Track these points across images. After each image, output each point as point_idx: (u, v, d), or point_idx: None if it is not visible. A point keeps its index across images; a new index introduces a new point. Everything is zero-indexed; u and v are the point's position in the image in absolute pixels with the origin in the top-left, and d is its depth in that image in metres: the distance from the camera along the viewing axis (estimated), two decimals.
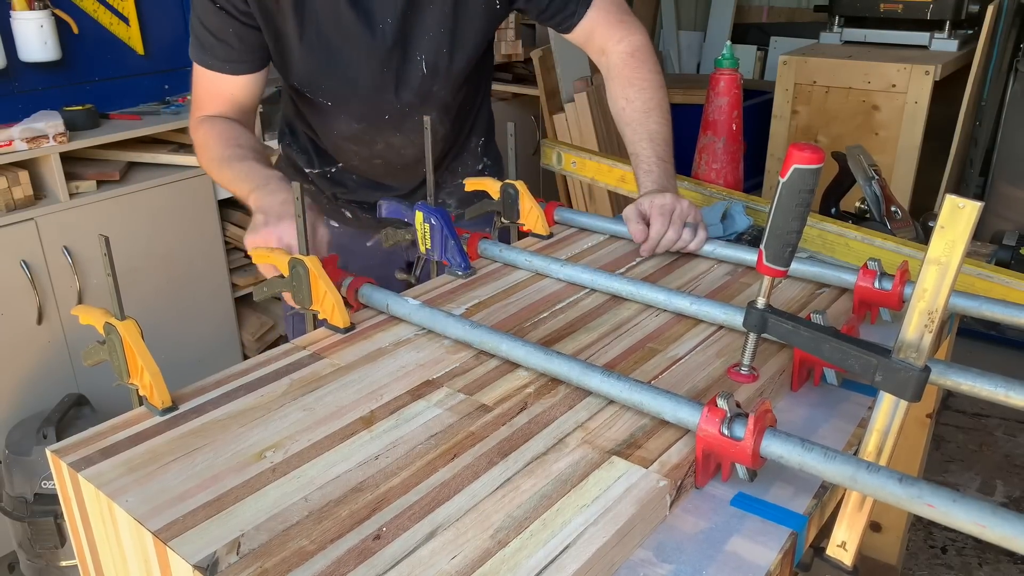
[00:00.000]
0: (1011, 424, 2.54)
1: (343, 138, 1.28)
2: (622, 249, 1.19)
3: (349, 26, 1.13)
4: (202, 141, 1.17)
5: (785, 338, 0.78)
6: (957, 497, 0.57)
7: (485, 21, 1.20)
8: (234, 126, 1.18)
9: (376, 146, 1.28)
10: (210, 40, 1.14)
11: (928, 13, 2.65)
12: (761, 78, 3.90)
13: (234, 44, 1.14)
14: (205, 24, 1.13)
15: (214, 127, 1.17)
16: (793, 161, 0.70)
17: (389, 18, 1.14)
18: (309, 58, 1.15)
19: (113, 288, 0.77)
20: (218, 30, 1.12)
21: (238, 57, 1.15)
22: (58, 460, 0.71)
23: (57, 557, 1.86)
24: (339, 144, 1.30)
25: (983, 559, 2.04)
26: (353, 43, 1.15)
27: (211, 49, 1.15)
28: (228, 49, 1.14)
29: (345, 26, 1.13)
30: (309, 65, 1.16)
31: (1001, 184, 2.94)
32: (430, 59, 1.19)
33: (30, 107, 2.18)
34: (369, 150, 1.29)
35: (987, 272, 1.06)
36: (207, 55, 1.16)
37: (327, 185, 1.36)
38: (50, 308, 2.06)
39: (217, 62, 1.16)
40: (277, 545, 0.61)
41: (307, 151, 1.35)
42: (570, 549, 0.60)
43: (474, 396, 0.80)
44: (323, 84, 1.20)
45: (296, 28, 1.12)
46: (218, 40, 1.13)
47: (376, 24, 1.14)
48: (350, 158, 1.32)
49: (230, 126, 1.17)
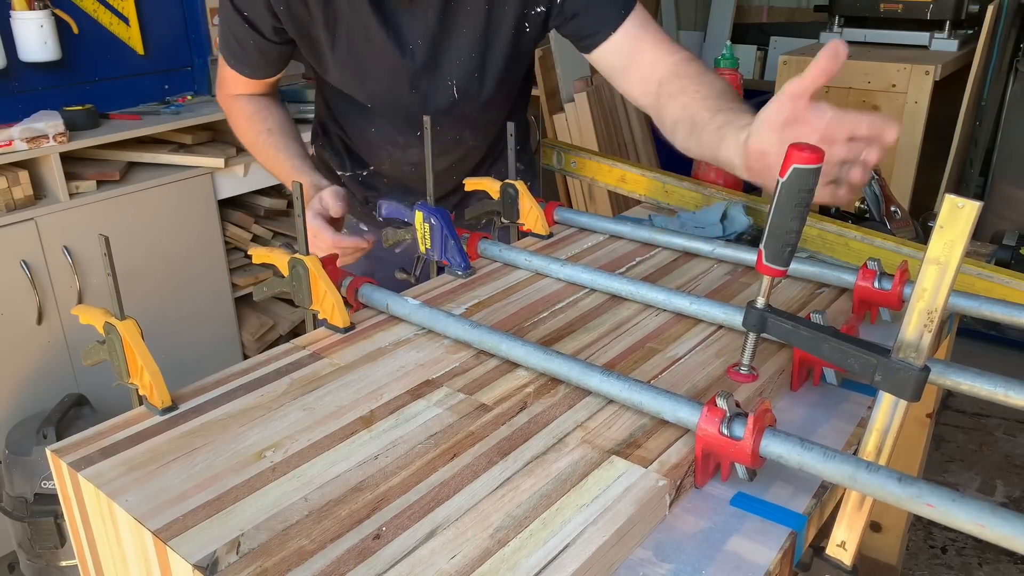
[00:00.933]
0: (1011, 424, 2.54)
1: (376, 139, 1.29)
2: (622, 249, 1.19)
3: (379, 44, 1.13)
4: (234, 122, 1.29)
5: (785, 338, 0.78)
6: (957, 497, 0.57)
7: (516, 45, 1.18)
8: (262, 105, 1.26)
9: (409, 151, 1.29)
10: (233, 44, 1.18)
11: (928, 13, 2.65)
12: (761, 78, 3.90)
13: (253, 55, 1.17)
14: (231, 29, 1.16)
15: (243, 108, 1.26)
16: (792, 161, 0.70)
17: (420, 40, 1.13)
18: (342, 70, 1.17)
19: (113, 288, 0.77)
20: (241, 39, 1.16)
21: (256, 65, 1.20)
22: (58, 460, 0.71)
23: (57, 557, 1.86)
24: (372, 144, 1.31)
25: (983, 559, 2.04)
26: (382, 61, 1.15)
27: (233, 52, 1.19)
28: (247, 57, 1.18)
29: (375, 44, 1.13)
30: (343, 76, 1.18)
31: (1001, 184, 2.94)
32: (461, 84, 1.19)
33: (30, 107, 2.18)
34: (403, 153, 1.30)
35: (987, 272, 1.06)
36: (232, 58, 1.21)
37: (359, 188, 1.36)
38: (50, 308, 2.06)
39: (242, 67, 1.20)
40: (277, 544, 0.61)
41: (339, 153, 1.36)
42: (570, 549, 0.60)
43: (474, 396, 0.80)
44: (357, 93, 1.21)
45: (328, 40, 1.13)
46: (242, 48, 1.17)
47: (406, 45, 1.14)
48: (382, 160, 1.32)
49: (258, 106, 1.26)
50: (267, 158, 1.24)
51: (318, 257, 0.91)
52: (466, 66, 1.17)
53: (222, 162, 2.27)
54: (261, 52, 1.16)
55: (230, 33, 1.16)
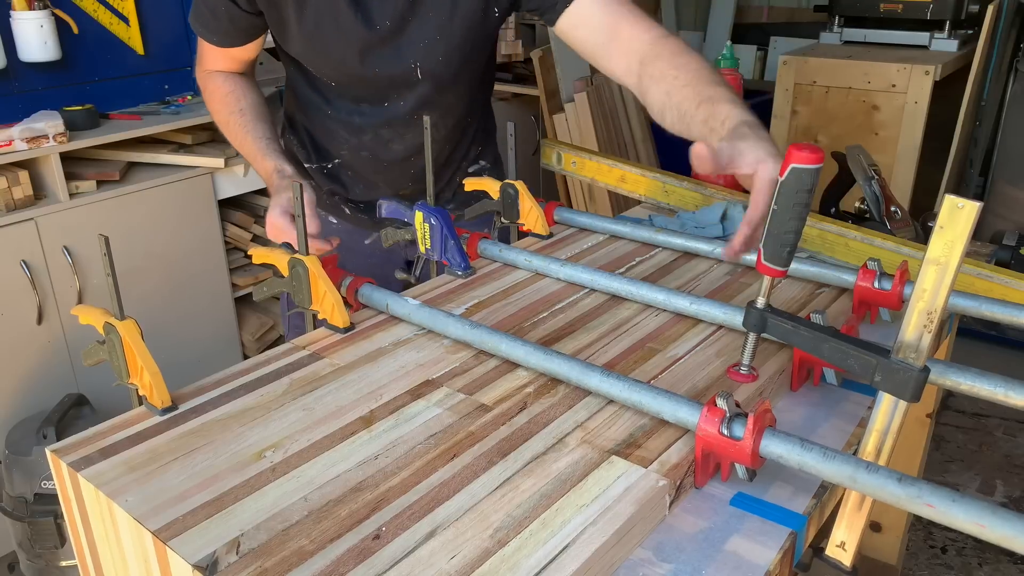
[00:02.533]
0: (1011, 424, 2.54)
1: (333, 124, 1.31)
2: (622, 249, 1.19)
3: (346, 23, 1.15)
4: (208, 99, 1.31)
5: (785, 338, 0.78)
6: (957, 497, 0.57)
7: (483, 29, 1.20)
8: (237, 85, 1.28)
9: (364, 136, 1.30)
10: (206, 14, 1.20)
11: (928, 13, 2.65)
12: (761, 78, 3.90)
13: (224, 23, 1.20)
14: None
15: (218, 87, 1.28)
16: (792, 161, 0.70)
17: (388, 20, 1.16)
18: (306, 44, 1.19)
19: (113, 288, 0.77)
20: (212, 7, 1.18)
21: (228, 34, 1.22)
22: (58, 460, 0.71)
23: (57, 557, 1.86)
24: (329, 129, 1.32)
25: (983, 559, 2.04)
26: (348, 39, 1.17)
27: (206, 23, 1.22)
28: (219, 25, 1.21)
29: (342, 23, 1.15)
30: (305, 50, 1.20)
31: (1001, 184, 2.94)
32: (425, 66, 1.21)
33: (30, 107, 2.17)
34: (357, 140, 1.31)
35: (987, 272, 1.06)
36: (201, 26, 1.23)
37: (324, 180, 1.38)
38: (50, 308, 2.06)
39: (210, 35, 1.23)
40: (277, 545, 0.61)
41: (305, 145, 1.38)
42: (569, 549, 0.60)
43: (474, 396, 0.80)
44: (319, 67, 1.24)
45: (297, 14, 1.15)
46: (213, 17, 1.20)
47: (373, 25, 1.16)
48: (340, 146, 1.33)
49: (233, 86, 1.28)
50: (236, 137, 1.27)
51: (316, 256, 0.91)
52: (430, 48, 1.19)
53: (222, 162, 2.27)
54: (231, 20, 1.19)
55: (203, 3, 1.19)
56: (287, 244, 0.97)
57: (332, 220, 1.41)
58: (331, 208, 1.40)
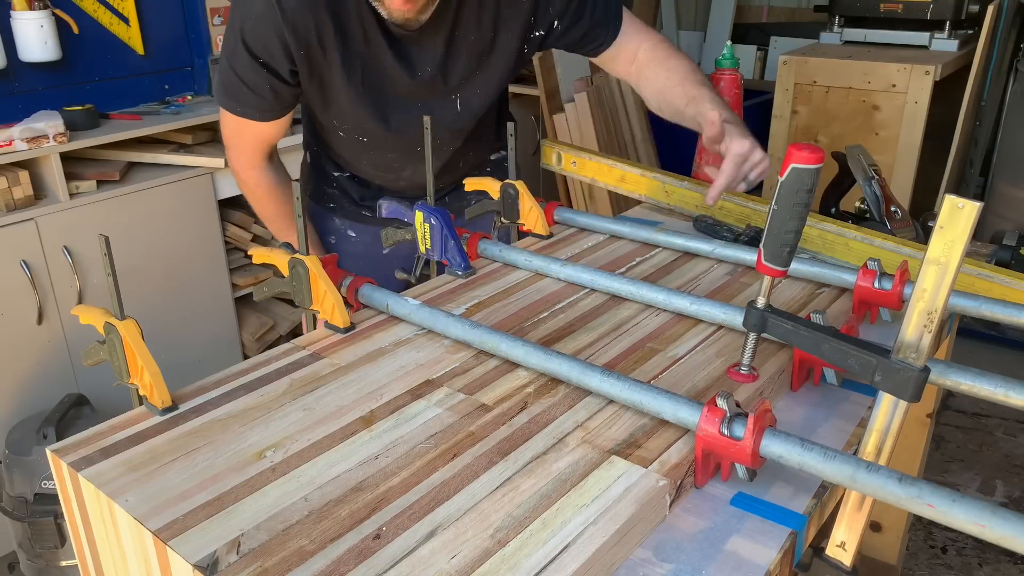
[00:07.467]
0: (1011, 424, 2.54)
1: (370, 165, 1.34)
2: (622, 249, 1.19)
3: (392, 74, 1.17)
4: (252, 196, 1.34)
5: (785, 338, 0.78)
6: (957, 497, 0.57)
7: (514, 61, 1.25)
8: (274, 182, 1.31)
9: (404, 172, 1.33)
10: (242, 89, 1.15)
11: (928, 13, 2.65)
12: (761, 78, 3.89)
13: (267, 97, 1.16)
14: (239, 73, 1.14)
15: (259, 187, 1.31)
16: (792, 160, 0.70)
17: (428, 66, 1.19)
18: (355, 102, 1.18)
19: (113, 288, 0.77)
20: (253, 83, 1.14)
21: (270, 107, 1.18)
22: (58, 460, 0.71)
23: (57, 557, 1.86)
24: (365, 171, 1.36)
25: (983, 559, 2.04)
26: (395, 88, 1.19)
27: (242, 97, 1.17)
28: (260, 100, 1.17)
29: (388, 74, 1.17)
30: (355, 108, 1.20)
31: (1001, 184, 2.93)
32: (464, 98, 1.25)
33: (30, 107, 2.17)
34: (396, 175, 1.35)
35: (987, 272, 1.06)
36: (235, 102, 1.18)
37: (354, 187, 1.38)
38: (50, 308, 2.06)
39: (248, 109, 1.18)
40: (277, 544, 0.61)
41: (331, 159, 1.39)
42: (570, 548, 0.60)
43: (474, 396, 0.80)
44: (364, 124, 1.23)
45: (343, 77, 1.15)
46: (251, 91, 1.15)
47: (416, 72, 1.19)
48: (372, 180, 1.37)
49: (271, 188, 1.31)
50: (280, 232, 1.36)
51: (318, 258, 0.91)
52: (469, 83, 1.24)
53: (222, 162, 2.27)
54: (276, 93, 1.16)
55: (237, 78, 1.14)
56: (287, 244, 0.97)
57: (351, 234, 1.41)
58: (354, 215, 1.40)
